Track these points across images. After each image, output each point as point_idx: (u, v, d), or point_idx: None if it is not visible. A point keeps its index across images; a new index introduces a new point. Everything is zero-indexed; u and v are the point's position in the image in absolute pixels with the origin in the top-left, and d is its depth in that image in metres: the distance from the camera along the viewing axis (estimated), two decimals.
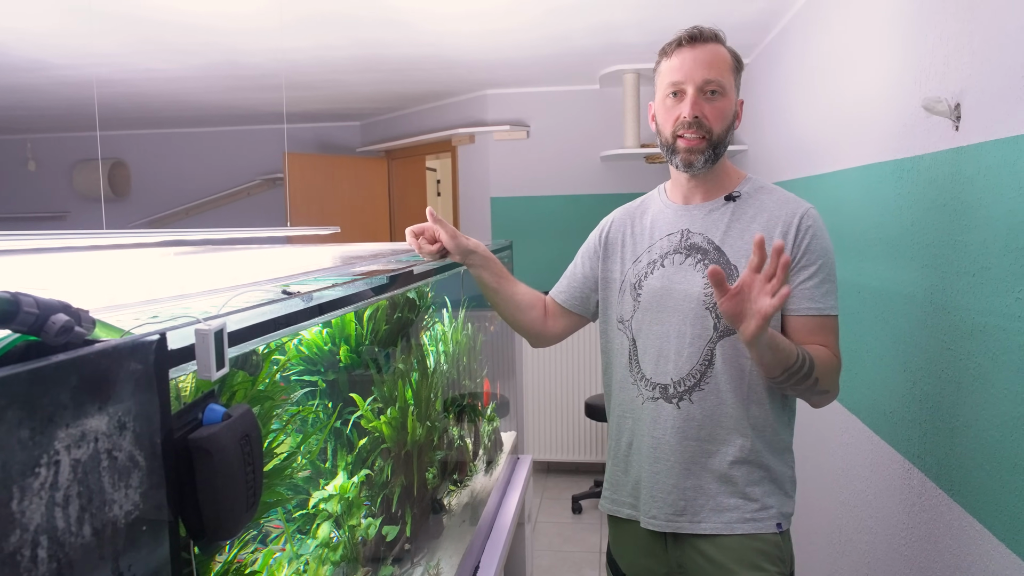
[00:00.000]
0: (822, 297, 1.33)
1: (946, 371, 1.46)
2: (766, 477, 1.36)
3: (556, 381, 4.39)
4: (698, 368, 1.34)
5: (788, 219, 1.34)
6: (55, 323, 0.56)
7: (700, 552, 1.37)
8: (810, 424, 2.38)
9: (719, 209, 1.40)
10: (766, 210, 1.37)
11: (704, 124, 1.33)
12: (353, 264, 1.49)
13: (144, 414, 0.58)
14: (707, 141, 1.34)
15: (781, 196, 1.40)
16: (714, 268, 1.13)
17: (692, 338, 1.35)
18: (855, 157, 2.00)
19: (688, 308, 1.35)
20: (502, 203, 4.51)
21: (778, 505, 1.36)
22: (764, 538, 1.34)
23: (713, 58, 1.34)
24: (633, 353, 1.43)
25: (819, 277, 1.33)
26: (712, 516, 1.35)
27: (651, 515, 1.39)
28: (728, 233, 1.37)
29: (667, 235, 1.42)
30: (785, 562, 1.36)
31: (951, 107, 1.42)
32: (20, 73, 3.51)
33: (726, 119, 1.35)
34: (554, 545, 3.61)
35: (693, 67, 1.33)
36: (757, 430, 1.35)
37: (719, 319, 1.33)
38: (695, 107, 1.33)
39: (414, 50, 3.34)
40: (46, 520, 0.47)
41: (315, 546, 1.07)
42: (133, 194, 5.61)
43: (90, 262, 1.81)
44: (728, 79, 1.35)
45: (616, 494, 1.48)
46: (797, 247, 1.32)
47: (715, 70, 1.33)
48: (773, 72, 3.07)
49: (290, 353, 1.14)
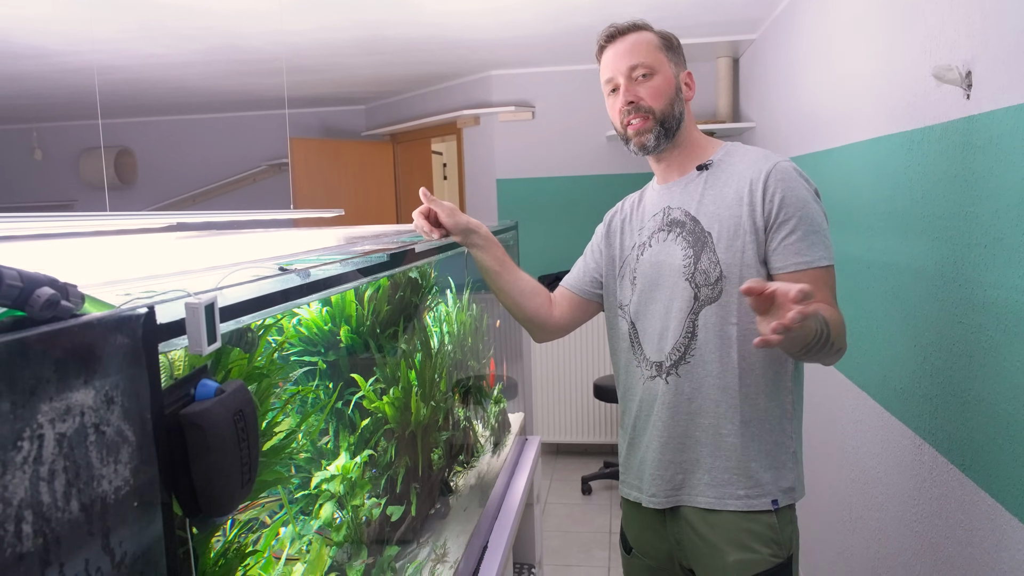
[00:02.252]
0: (808, 249, 1.28)
1: (957, 345, 1.44)
2: (762, 450, 1.34)
3: (565, 363, 4.38)
4: (682, 341, 1.34)
5: (755, 176, 1.33)
6: (40, 296, 0.55)
7: (693, 528, 1.36)
8: (819, 401, 2.36)
9: (694, 180, 1.41)
10: (736, 172, 1.36)
11: (642, 105, 1.37)
12: (355, 244, 1.48)
13: (133, 388, 0.57)
14: (652, 120, 1.37)
15: (752, 155, 1.39)
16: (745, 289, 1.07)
17: (676, 311, 1.35)
18: (864, 130, 1.97)
19: (672, 282, 1.36)
20: (508, 185, 4.48)
21: (775, 480, 1.34)
22: (757, 518, 1.32)
23: (633, 45, 1.38)
24: (634, 336, 1.43)
25: (800, 230, 1.28)
26: (707, 490, 1.35)
27: (651, 493, 1.39)
28: (703, 202, 1.37)
29: (653, 215, 1.45)
30: (781, 544, 1.33)
31: (962, 75, 1.39)
32: (22, 60, 3.50)
33: (664, 95, 1.38)
34: (564, 526, 3.62)
35: (616, 60, 1.39)
36: (751, 400, 1.33)
37: (699, 288, 1.33)
38: (628, 92, 1.37)
39: (416, 30, 3.30)
40: (30, 495, 0.46)
41: (318, 526, 1.07)
42: (140, 182, 5.61)
43: (92, 247, 1.80)
44: (655, 57, 1.38)
45: (627, 476, 1.49)
46: (769, 204, 1.30)
47: (637, 54, 1.37)
48: (780, 47, 3.02)
49: (288, 333, 1.13)
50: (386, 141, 5.31)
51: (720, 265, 1.31)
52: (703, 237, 1.34)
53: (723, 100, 3.97)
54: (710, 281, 1.32)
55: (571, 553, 3.34)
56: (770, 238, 1.31)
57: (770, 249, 1.31)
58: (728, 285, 1.31)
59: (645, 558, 1.48)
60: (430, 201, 1.42)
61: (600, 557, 3.30)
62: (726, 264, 1.31)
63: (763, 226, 1.30)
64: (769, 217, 1.30)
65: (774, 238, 1.30)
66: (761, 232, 1.30)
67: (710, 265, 1.32)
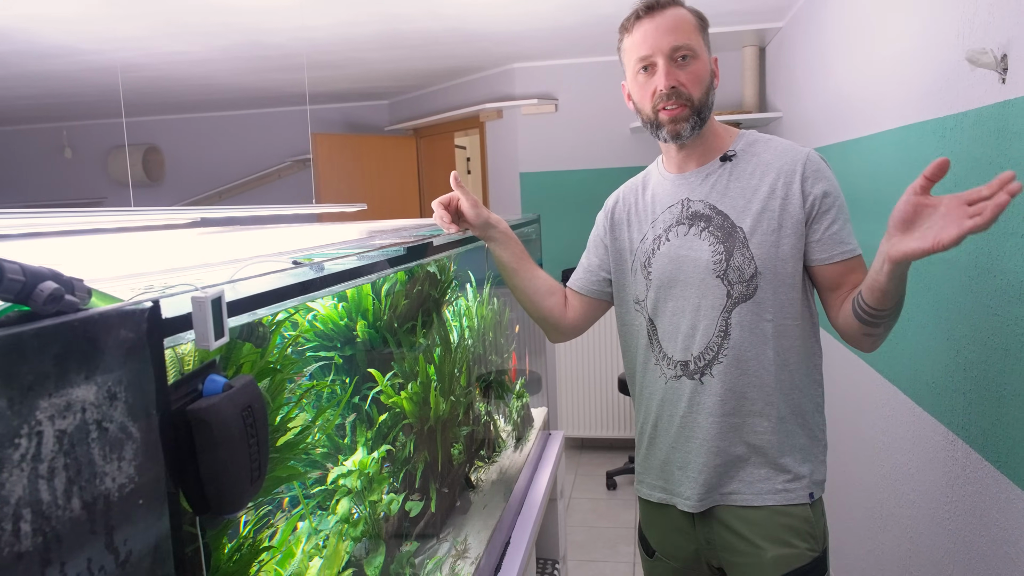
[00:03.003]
0: (849, 238, 1.29)
1: (992, 338, 1.39)
2: (797, 444, 1.31)
3: (589, 357, 4.35)
4: (715, 340, 1.30)
5: (791, 168, 1.29)
6: (43, 291, 0.54)
7: (727, 526, 1.33)
8: (849, 395, 2.31)
9: (716, 172, 1.35)
10: (764, 163, 1.32)
11: (683, 92, 1.29)
12: (373, 238, 1.47)
13: (137, 384, 0.56)
14: (690, 108, 1.30)
15: (778, 146, 1.34)
16: (941, 162, 1.00)
17: (707, 309, 1.30)
18: (895, 118, 1.92)
19: (699, 279, 1.31)
20: (531, 178, 4.46)
21: (810, 473, 1.32)
22: (794, 512, 1.30)
23: (676, 23, 1.29)
24: (652, 333, 1.38)
25: (840, 220, 1.29)
26: (742, 487, 1.32)
27: (685, 496, 1.35)
28: (727, 194, 1.32)
29: (668, 207, 1.38)
30: (816, 538, 1.31)
31: (997, 58, 1.34)
32: (49, 59, 3.55)
33: (703, 82, 1.31)
34: (588, 521, 3.60)
35: (657, 37, 1.28)
36: (786, 395, 1.30)
37: (732, 286, 1.28)
38: (670, 76, 1.28)
39: (437, 24, 3.29)
40: (28, 493, 0.45)
41: (335, 522, 1.06)
42: (167, 179, 5.68)
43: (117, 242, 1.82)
44: (696, 40, 1.30)
45: (648, 477, 1.45)
46: (810, 196, 1.27)
47: (681, 34, 1.28)
48: (808, 33, 2.96)
49: (302, 327, 1.12)
50: (409, 136, 5.31)
51: (755, 261, 1.27)
52: (733, 232, 1.29)
53: (749, 90, 3.90)
54: (744, 278, 1.27)
55: (596, 548, 3.32)
56: (813, 229, 1.28)
57: (813, 240, 1.28)
58: (763, 281, 1.27)
59: (670, 560, 1.44)
60: (459, 187, 1.37)
61: (625, 552, 3.27)
62: (761, 260, 1.27)
63: (803, 219, 1.27)
64: (812, 210, 1.27)
65: (816, 230, 1.28)
66: (801, 225, 1.27)
67: (744, 262, 1.27)
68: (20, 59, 3.53)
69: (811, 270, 1.31)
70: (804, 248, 1.29)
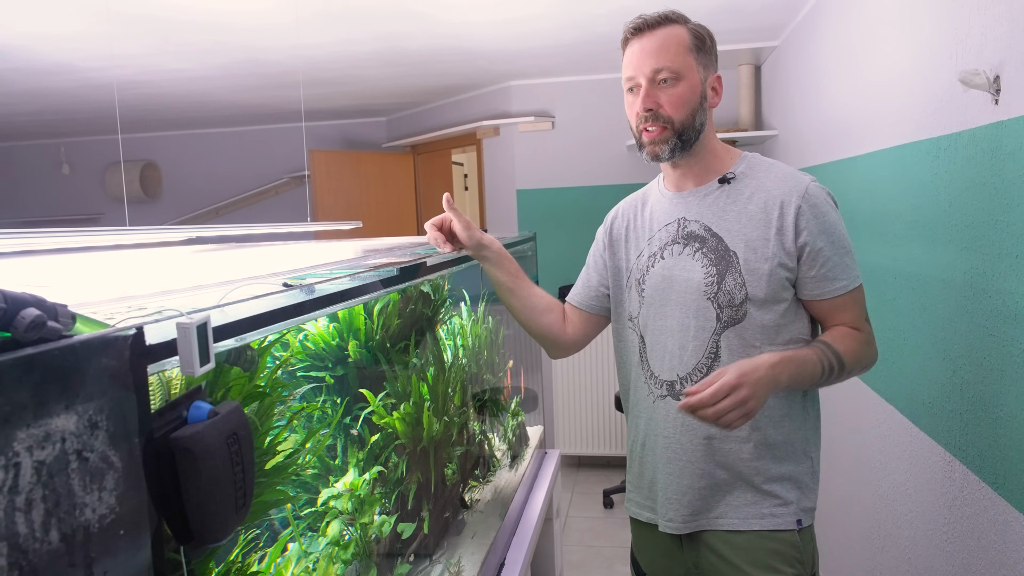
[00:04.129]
0: (843, 273, 1.27)
1: (988, 358, 1.39)
2: (784, 472, 1.30)
3: (585, 374, 4.34)
4: (703, 362, 1.29)
5: (786, 199, 1.27)
6: (24, 318, 0.53)
7: (714, 551, 1.32)
8: (847, 415, 2.30)
9: (713, 193, 1.34)
10: (763, 189, 1.30)
11: (661, 114, 1.28)
12: (367, 257, 1.47)
13: (119, 412, 0.55)
14: (670, 130, 1.29)
15: (779, 173, 1.32)
16: (681, 405, 1.14)
17: (696, 331, 1.29)
18: (889, 137, 1.92)
19: (690, 300, 1.30)
20: (528, 195, 4.47)
21: (798, 500, 1.30)
22: (780, 537, 1.28)
23: (662, 44, 1.28)
24: (643, 350, 1.37)
25: (835, 256, 1.27)
26: (729, 511, 1.30)
27: (668, 518, 1.34)
28: (724, 217, 1.31)
29: (665, 225, 1.37)
30: (804, 563, 1.29)
31: (990, 79, 1.34)
32: (47, 77, 3.56)
33: (686, 104, 1.28)
34: (585, 540, 3.57)
35: (641, 58, 1.29)
36: (773, 422, 1.29)
37: (721, 309, 1.27)
38: (647, 99, 1.28)
39: (434, 42, 3.30)
40: (4, 526, 0.45)
41: (325, 544, 1.05)
42: (164, 195, 5.68)
43: (111, 261, 1.81)
44: (683, 61, 1.28)
45: (637, 495, 1.44)
46: (802, 233, 1.25)
47: (664, 57, 1.27)
48: (803, 53, 2.97)
49: (293, 348, 1.11)
50: (406, 152, 5.32)
51: (746, 287, 1.26)
52: (727, 256, 1.28)
53: (745, 108, 3.92)
54: (734, 303, 1.27)
55: (593, 568, 3.29)
56: (805, 267, 1.27)
57: (806, 276, 1.27)
58: (752, 307, 1.26)
59: None
60: (451, 209, 1.37)
61: (622, 572, 3.24)
62: (752, 286, 1.26)
63: (795, 254, 1.26)
64: (804, 248, 1.26)
65: (811, 267, 1.27)
66: (792, 259, 1.26)
67: (735, 286, 1.27)
68: (19, 76, 3.54)
69: (803, 301, 1.31)
70: (796, 279, 1.28)
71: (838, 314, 1.29)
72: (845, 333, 1.28)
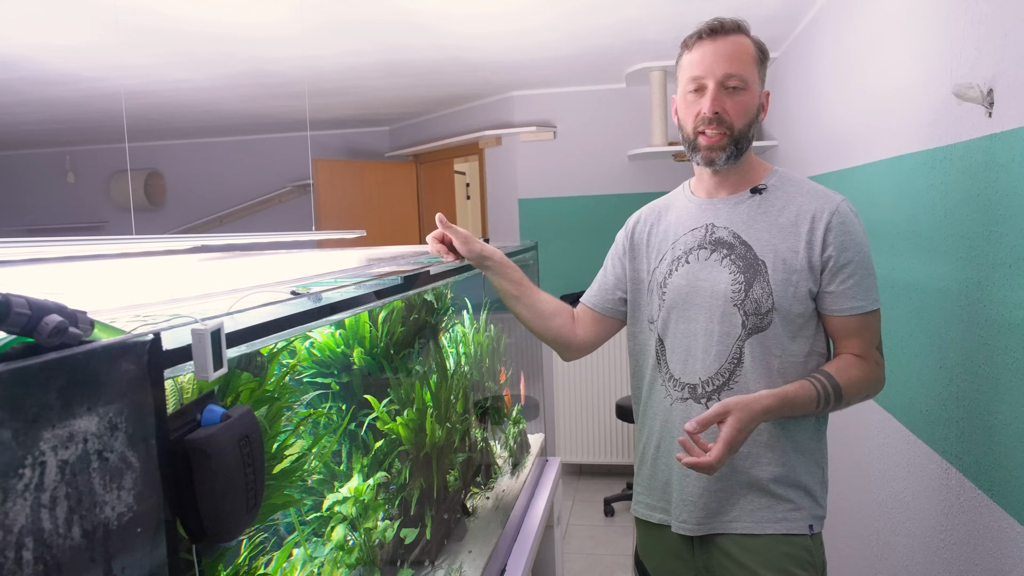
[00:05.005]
0: (863, 294, 1.29)
1: (983, 367, 1.41)
2: (798, 479, 1.32)
3: (586, 382, 4.35)
4: (727, 367, 1.30)
5: (817, 214, 1.30)
6: (48, 324, 0.56)
7: (727, 554, 1.33)
8: (845, 423, 2.31)
9: (745, 202, 1.36)
10: (794, 203, 1.32)
11: (725, 120, 1.29)
12: (371, 266, 1.49)
13: (137, 415, 0.57)
14: (728, 137, 1.30)
15: (810, 188, 1.35)
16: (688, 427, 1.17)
17: (720, 336, 1.31)
18: (886, 149, 1.95)
19: (715, 305, 1.31)
20: (530, 204, 4.49)
21: (810, 507, 1.32)
22: (794, 541, 1.30)
23: (735, 51, 1.30)
24: (661, 353, 1.39)
25: (858, 275, 1.28)
26: (743, 515, 1.32)
27: (682, 519, 1.35)
28: (753, 226, 1.32)
29: (691, 230, 1.39)
30: (816, 567, 1.31)
31: (983, 93, 1.37)
32: (54, 87, 3.60)
33: (748, 114, 1.31)
34: (586, 548, 3.58)
35: (714, 61, 1.29)
36: (788, 430, 1.31)
37: (747, 316, 1.29)
38: (715, 102, 1.29)
39: (438, 53, 3.34)
40: (31, 522, 0.47)
41: (330, 549, 1.07)
42: (168, 203, 5.71)
43: (118, 269, 1.84)
44: (751, 72, 1.31)
45: (648, 498, 1.45)
46: (830, 247, 1.28)
47: (737, 63, 1.29)
48: (802, 65, 3.00)
49: (300, 355, 1.13)
50: (409, 161, 5.36)
51: (773, 296, 1.28)
52: (756, 265, 1.30)
53: None
54: (760, 311, 1.29)
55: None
56: (827, 280, 1.29)
57: (826, 291, 1.29)
58: (777, 317, 1.28)
59: None
60: (446, 228, 1.39)
61: None
62: (779, 296, 1.28)
63: (820, 267, 1.28)
64: (828, 261, 1.28)
65: (831, 281, 1.28)
66: (817, 272, 1.28)
67: (763, 295, 1.28)
68: (26, 86, 3.58)
69: (821, 316, 1.33)
70: (817, 293, 1.30)
71: (851, 336, 1.30)
72: (850, 363, 1.30)
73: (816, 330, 1.33)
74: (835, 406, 1.28)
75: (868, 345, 1.31)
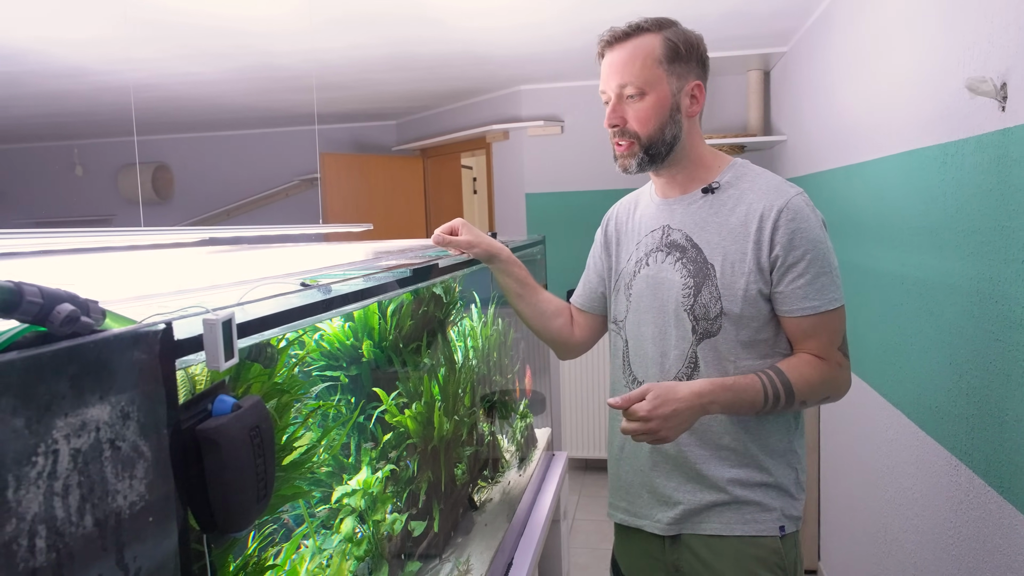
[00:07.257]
0: (817, 294, 1.23)
1: (994, 363, 1.40)
2: (766, 480, 1.30)
3: (593, 378, 4.35)
4: (684, 371, 1.29)
5: (766, 212, 1.25)
6: (60, 312, 0.56)
7: (695, 554, 1.32)
8: (853, 419, 2.31)
9: (696, 202, 1.33)
10: (745, 201, 1.28)
11: (628, 130, 1.28)
12: (379, 259, 1.49)
13: (149, 404, 0.57)
14: (637, 145, 1.29)
15: (763, 184, 1.30)
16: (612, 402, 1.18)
17: (676, 340, 1.30)
18: (897, 143, 1.94)
19: (669, 309, 1.30)
20: (537, 199, 4.49)
21: (781, 507, 1.30)
22: (763, 543, 1.29)
23: (628, 58, 1.27)
24: (626, 354, 1.38)
25: (810, 273, 1.23)
26: (711, 516, 1.30)
27: (654, 519, 1.35)
28: (705, 228, 1.30)
29: (651, 231, 1.38)
30: (786, 570, 1.29)
31: (996, 87, 1.36)
32: (62, 80, 3.61)
33: (654, 118, 1.27)
34: (591, 543, 3.58)
35: (609, 73, 1.29)
36: (751, 433, 1.29)
37: (696, 321, 1.27)
38: (612, 115, 1.29)
39: (446, 47, 3.33)
40: (44, 510, 0.47)
41: (338, 541, 1.07)
42: (176, 197, 5.73)
43: (127, 261, 1.84)
44: (650, 74, 1.26)
45: (616, 499, 1.44)
46: (777, 245, 1.23)
47: (629, 71, 1.26)
48: (812, 59, 2.99)
49: (309, 347, 1.13)
50: (416, 156, 5.35)
51: (721, 301, 1.25)
52: (705, 268, 1.27)
53: (754, 113, 3.93)
54: (709, 316, 1.26)
55: (599, 571, 3.30)
56: (777, 280, 1.24)
57: (777, 291, 1.25)
58: (727, 322, 1.26)
59: None
60: (447, 245, 1.39)
61: None
62: (727, 300, 1.25)
63: (768, 267, 1.24)
64: (776, 260, 1.23)
65: (780, 281, 1.24)
66: (766, 272, 1.24)
67: (711, 300, 1.26)
68: (34, 79, 3.59)
69: (779, 320, 1.29)
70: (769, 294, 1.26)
71: (807, 338, 1.26)
72: (805, 361, 1.26)
73: (776, 334, 1.29)
74: (788, 405, 1.24)
75: (827, 346, 1.26)
